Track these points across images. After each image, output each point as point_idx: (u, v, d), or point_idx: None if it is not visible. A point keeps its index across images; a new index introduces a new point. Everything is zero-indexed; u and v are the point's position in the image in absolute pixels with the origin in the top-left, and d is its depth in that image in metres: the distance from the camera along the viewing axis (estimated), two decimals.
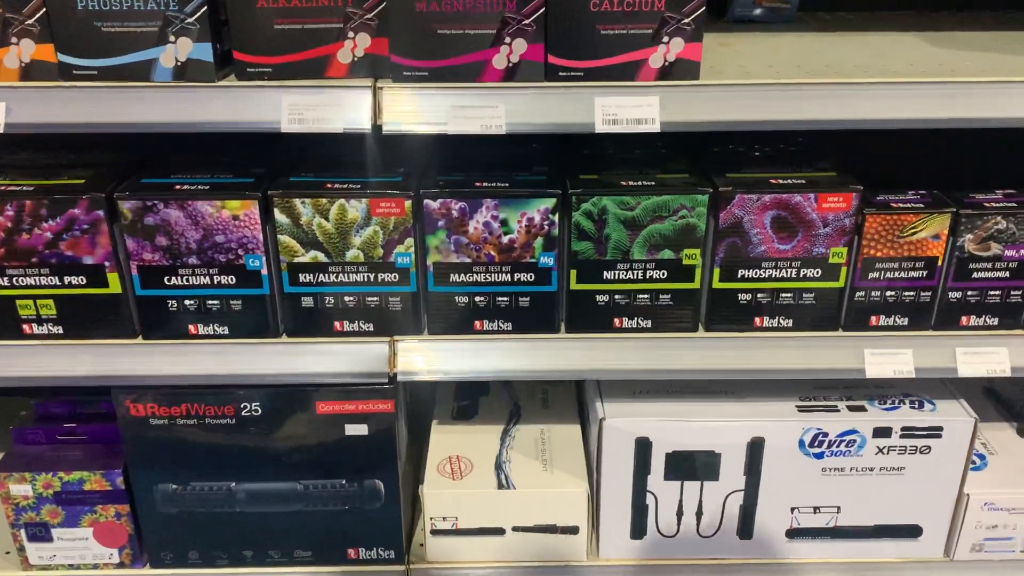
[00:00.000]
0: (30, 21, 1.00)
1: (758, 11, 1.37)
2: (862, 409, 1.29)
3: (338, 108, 1.02)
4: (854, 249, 1.14)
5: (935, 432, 1.27)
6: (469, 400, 1.52)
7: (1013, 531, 1.34)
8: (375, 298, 1.16)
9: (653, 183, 1.12)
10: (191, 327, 1.17)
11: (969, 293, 1.17)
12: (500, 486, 1.32)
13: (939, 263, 1.15)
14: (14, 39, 1.00)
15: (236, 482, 1.30)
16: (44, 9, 0.99)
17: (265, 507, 1.31)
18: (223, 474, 1.29)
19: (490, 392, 1.54)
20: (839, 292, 1.17)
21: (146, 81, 1.02)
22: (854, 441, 1.27)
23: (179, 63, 1.02)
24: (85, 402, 1.36)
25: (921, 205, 1.13)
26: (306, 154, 1.21)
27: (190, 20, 1.00)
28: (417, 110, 1.03)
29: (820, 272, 1.15)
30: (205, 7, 0.99)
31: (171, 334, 1.18)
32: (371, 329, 1.18)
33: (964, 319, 1.19)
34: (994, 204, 1.13)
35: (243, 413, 1.24)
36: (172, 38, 1.00)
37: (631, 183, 1.12)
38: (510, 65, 1.02)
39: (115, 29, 1.00)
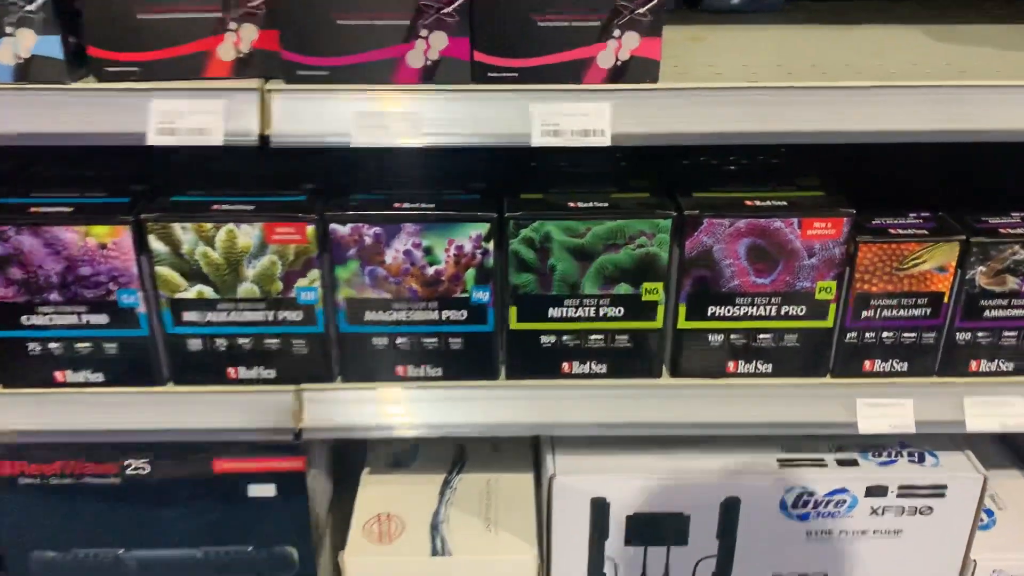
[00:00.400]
0: None
1: (735, 0, 1.18)
2: (853, 463, 1.11)
3: (217, 116, 0.83)
4: (845, 283, 0.96)
5: (938, 491, 1.09)
6: (408, 444, 1.33)
7: None
8: (275, 340, 0.97)
9: (607, 205, 0.94)
10: (57, 373, 0.98)
11: (980, 334, 0.99)
12: (435, 552, 1.13)
13: (945, 300, 0.97)
14: None
15: (125, 549, 1.11)
16: None
17: None
18: (109, 540, 1.11)
19: None
20: (827, 333, 0.99)
21: None
22: (844, 501, 1.10)
23: (21, 60, 0.83)
24: None
25: (924, 232, 0.95)
26: (202, 166, 1.02)
27: (31, 7, 0.81)
28: (315, 118, 0.84)
29: (805, 310, 0.97)
30: None
31: (34, 382, 0.99)
32: (272, 376, 0.99)
33: (974, 364, 1.01)
34: (1010, 230, 0.96)
35: (128, 472, 1.06)
36: (10, 29, 0.81)
37: (580, 204, 0.94)
38: (428, 64, 0.84)
39: None
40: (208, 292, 0.95)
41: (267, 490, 1.08)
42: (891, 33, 1.07)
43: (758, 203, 0.94)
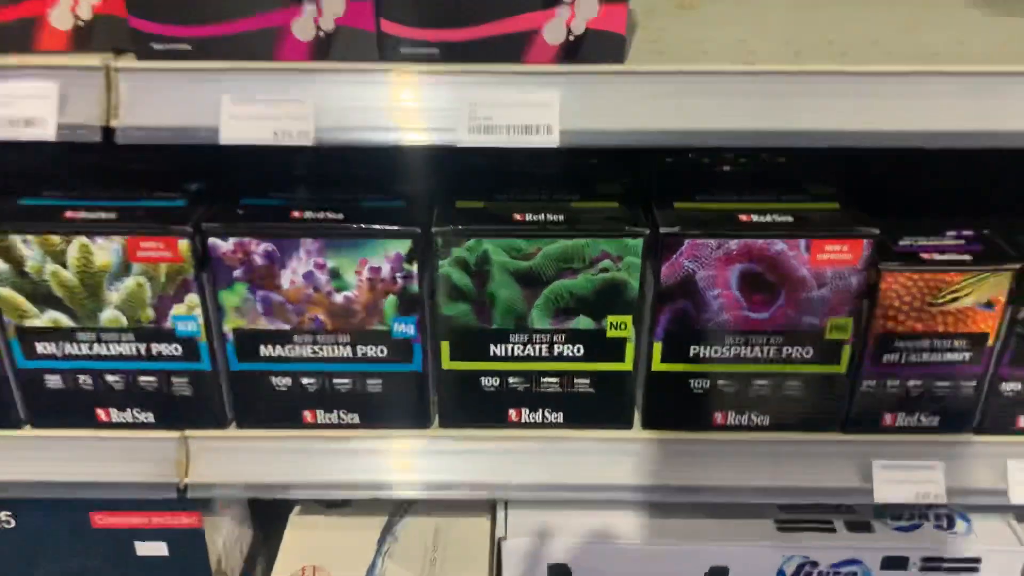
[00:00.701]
0: None
1: None
2: (866, 528, 0.92)
3: (50, 102, 0.64)
4: (863, 320, 0.76)
5: (970, 566, 0.90)
6: None
7: None
8: (151, 378, 0.79)
9: (562, 218, 0.74)
10: None
11: None
12: None
13: (989, 342, 0.77)
14: None
15: None
16: None
17: None
18: None
19: None
20: (839, 380, 0.79)
21: None
22: (854, 574, 0.90)
23: None
24: None
25: (968, 257, 0.75)
26: (65, 159, 0.83)
27: None
28: (175, 106, 0.64)
29: (812, 352, 0.77)
30: None
31: None
32: (151, 420, 0.80)
33: (1022, 421, 0.81)
34: None
35: None
36: None
37: (529, 218, 0.74)
38: (321, 35, 0.64)
39: None
40: (63, 319, 0.76)
41: (157, 548, 0.90)
42: (928, 1, 0.86)
43: (755, 218, 0.74)
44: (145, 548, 0.90)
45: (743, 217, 0.74)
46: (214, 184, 0.79)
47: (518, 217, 0.74)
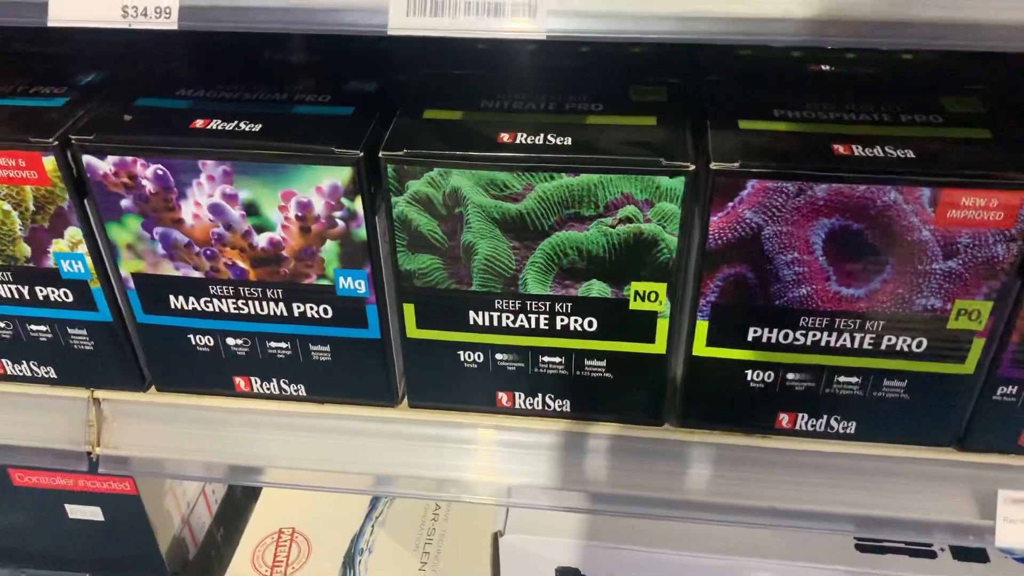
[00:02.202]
0: None
1: None
2: (980, 557, 0.69)
3: None
4: (1009, 306, 0.51)
5: None
6: None
7: None
8: (42, 327, 0.61)
9: (568, 140, 0.51)
10: None
11: None
12: None
13: None
14: None
15: None
16: None
17: None
18: None
19: None
20: (963, 383, 0.55)
21: None
22: None
23: None
24: None
25: None
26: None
27: None
28: None
29: (926, 344, 0.53)
30: None
31: None
32: (51, 376, 0.64)
33: None
34: None
35: None
36: None
37: (521, 138, 0.51)
38: None
39: None
40: None
41: (92, 512, 0.75)
42: None
43: (857, 151, 0.49)
44: (78, 511, 0.75)
45: (839, 148, 0.50)
46: (107, 79, 0.59)
47: (505, 138, 0.52)
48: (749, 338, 0.56)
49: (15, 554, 0.81)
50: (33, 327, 0.62)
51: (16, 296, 0.60)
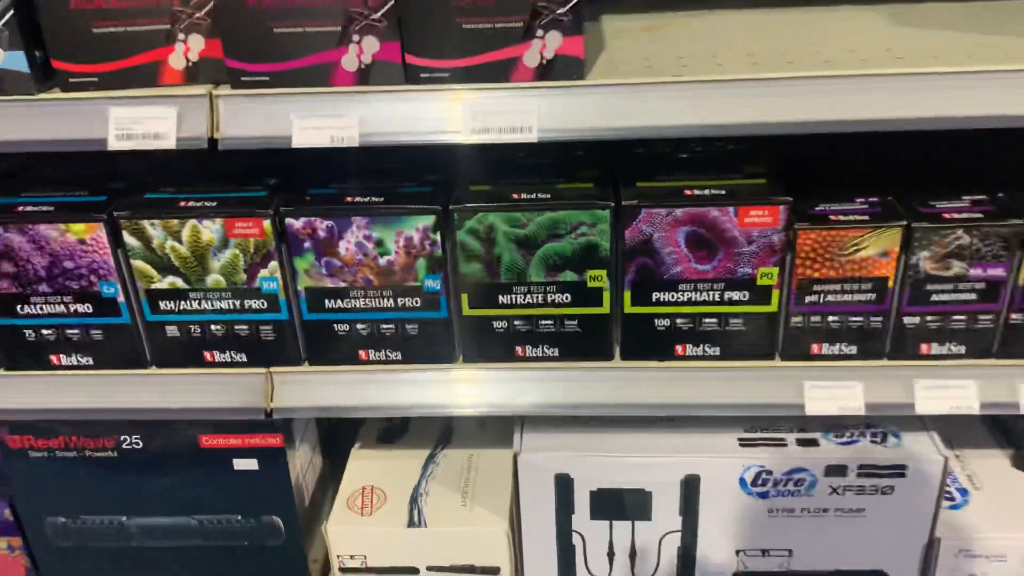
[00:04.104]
0: None
1: None
2: (813, 443, 1.13)
3: (170, 121, 0.89)
4: (787, 269, 0.98)
5: (898, 471, 1.10)
6: (399, 420, 1.39)
7: None
8: (244, 327, 1.04)
9: (548, 196, 0.97)
10: (52, 357, 1.07)
11: (928, 318, 1.00)
12: (411, 523, 1.20)
13: (890, 285, 0.98)
14: None
15: (127, 516, 1.21)
16: None
17: (161, 542, 1.22)
18: (114, 508, 1.21)
19: None
20: (772, 317, 1.01)
21: None
22: (803, 480, 1.12)
23: None
24: None
25: (865, 218, 0.96)
26: (177, 163, 1.09)
27: None
28: (259, 121, 0.89)
29: (748, 295, 0.99)
30: (12, 11, 0.87)
31: (33, 364, 1.08)
32: (244, 360, 1.06)
33: (924, 348, 1.02)
34: (955, 215, 0.95)
35: (124, 446, 1.15)
36: None
37: (523, 196, 0.98)
38: (362, 67, 0.88)
39: None
40: (179, 283, 1.02)
41: (250, 464, 1.15)
42: (859, 15, 1.06)
43: (696, 192, 0.96)
44: (241, 464, 1.16)
45: (687, 191, 0.97)
46: (286, 180, 1.05)
47: (516, 196, 0.98)
48: (654, 300, 1.01)
49: (188, 504, 1.20)
50: (237, 327, 1.05)
51: (232, 307, 1.03)
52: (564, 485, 1.14)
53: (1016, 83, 0.82)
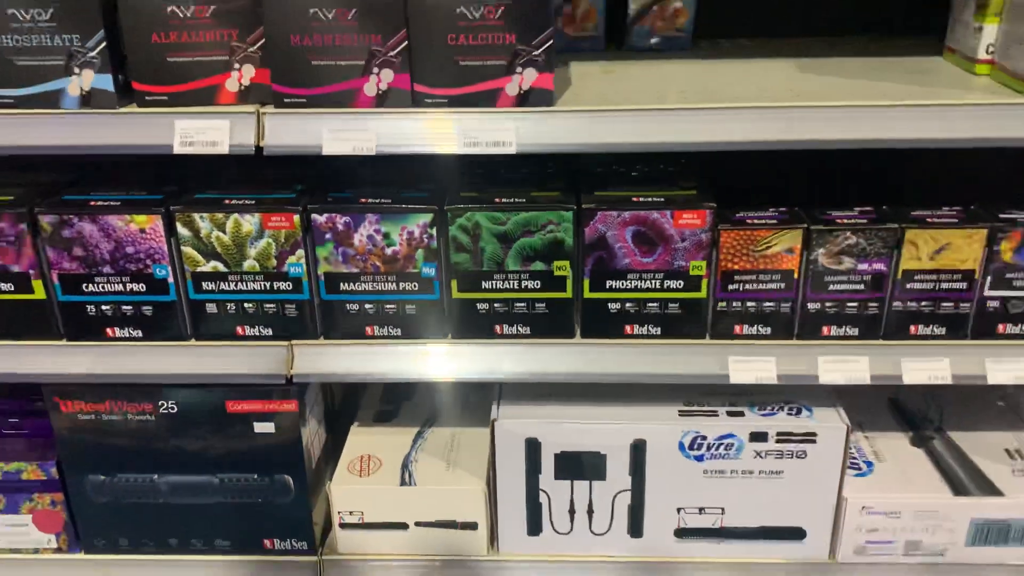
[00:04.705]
0: None
1: (654, 40, 1.45)
2: (740, 415, 1.36)
3: (224, 132, 1.13)
4: (713, 262, 1.22)
5: (809, 437, 1.33)
6: (392, 404, 1.61)
7: (893, 535, 1.39)
8: (272, 305, 1.26)
9: (524, 200, 1.21)
10: (108, 330, 1.28)
11: (828, 304, 1.24)
12: (403, 483, 1.41)
13: (795, 276, 1.22)
14: None
15: (159, 474, 1.41)
16: None
17: (186, 499, 1.42)
18: (147, 467, 1.40)
19: (413, 396, 1.63)
20: (702, 303, 1.25)
21: (56, 109, 1.14)
22: (732, 444, 1.34)
23: (84, 92, 1.13)
24: (28, 399, 1.48)
25: (774, 221, 1.21)
26: (224, 170, 1.32)
27: (92, 54, 1.12)
28: (296, 133, 1.13)
29: (683, 284, 1.23)
30: (105, 43, 1.11)
31: (91, 336, 1.29)
32: (270, 334, 1.28)
33: (825, 329, 1.26)
34: (845, 220, 1.21)
35: (161, 410, 1.36)
36: (77, 70, 1.12)
37: (504, 200, 1.22)
38: (380, 92, 1.12)
39: (27, 62, 1.12)
40: (220, 267, 1.24)
41: (268, 427, 1.36)
42: (766, 65, 1.33)
43: (641, 199, 1.21)
44: (260, 427, 1.37)
45: (634, 199, 1.21)
46: (312, 184, 1.28)
47: (497, 200, 1.22)
48: (607, 287, 1.24)
49: (212, 463, 1.40)
50: (267, 305, 1.27)
51: (264, 288, 1.26)
52: (533, 448, 1.36)
53: (880, 115, 1.08)
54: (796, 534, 1.41)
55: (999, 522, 1.38)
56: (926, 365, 1.24)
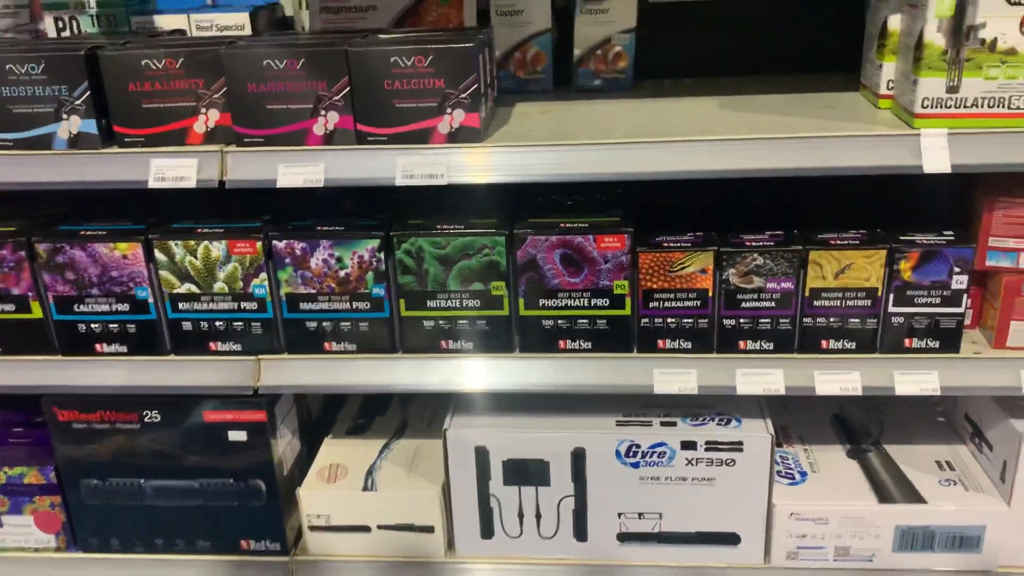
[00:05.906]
0: None
1: (597, 81, 1.58)
2: (673, 424, 1.46)
3: (192, 168, 1.28)
4: (634, 282, 1.34)
5: (736, 446, 1.43)
6: (365, 419, 1.74)
7: (823, 540, 1.48)
8: (240, 323, 1.41)
9: (462, 227, 1.35)
10: (97, 346, 1.44)
11: (742, 321, 1.35)
12: (365, 488, 1.53)
13: (710, 294, 1.33)
14: None
15: (144, 479, 1.55)
16: None
17: (169, 502, 1.56)
18: (134, 472, 1.55)
19: (387, 412, 1.76)
20: (627, 319, 1.36)
21: (48, 150, 1.30)
22: (664, 452, 1.45)
23: (72, 135, 1.30)
24: (32, 409, 1.64)
25: (688, 244, 1.32)
26: (201, 203, 1.48)
27: (78, 102, 1.28)
28: (254, 169, 1.28)
29: (608, 302, 1.35)
30: (89, 92, 1.27)
31: (82, 352, 1.44)
32: (239, 349, 1.42)
33: (742, 344, 1.36)
34: (754, 243, 1.32)
35: (146, 420, 1.50)
36: (65, 116, 1.29)
37: (444, 227, 1.35)
38: (327, 132, 1.27)
39: (23, 110, 1.29)
40: (194, 288, 1.39)
41: (240, 435, 1.50)
42: (698, 103, 1.45)
43: (567, 225, 1.33)
44: (234, 435, 1.50)
45: (562, 225, 1.34)
46: (274, 215, 1.43)
47: (438, 227, 1.35)
48: (540, 305, 1.36)
49: (191, 470, 1.54)
50: (235, 323, 1.41)
51: (232, 308, 1.40)
52: (482, 455, 1.48)
53: (776, 146, 1.20)
54: (731, 539, 1.50)
55: (923, 528, 1.45)
56: (837, 378, 1.34)
